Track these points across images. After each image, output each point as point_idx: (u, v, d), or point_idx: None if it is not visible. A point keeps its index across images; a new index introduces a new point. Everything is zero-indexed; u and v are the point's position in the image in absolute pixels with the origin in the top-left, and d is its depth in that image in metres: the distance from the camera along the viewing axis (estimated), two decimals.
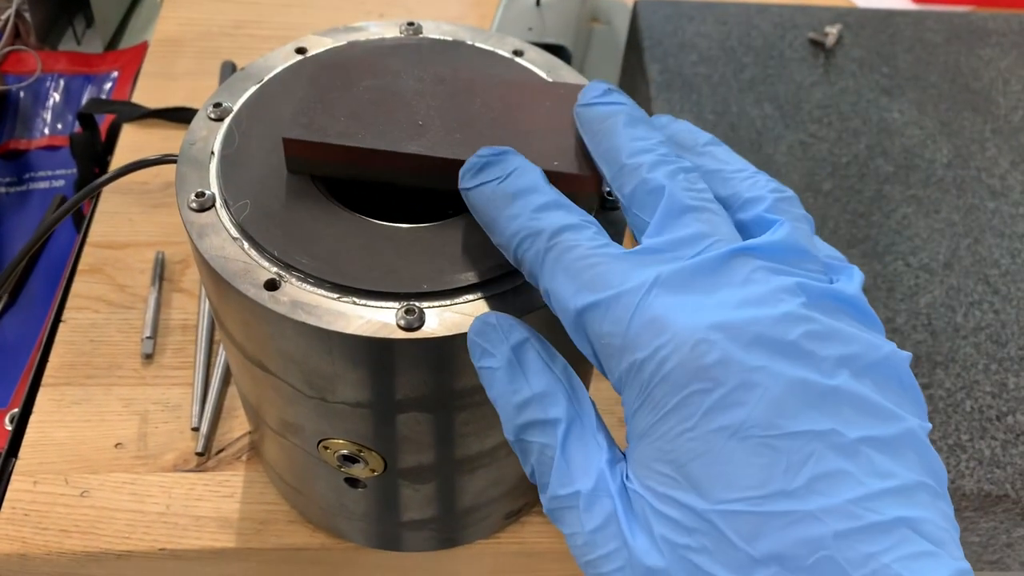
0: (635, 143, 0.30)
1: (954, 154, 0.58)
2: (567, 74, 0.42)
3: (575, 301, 0.27)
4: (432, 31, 0.43)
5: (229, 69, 0.73)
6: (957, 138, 0.59)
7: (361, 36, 0.43)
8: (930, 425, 0.25)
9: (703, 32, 0.65)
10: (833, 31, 0.65)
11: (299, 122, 0.34)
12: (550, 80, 0.41)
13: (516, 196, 0.30)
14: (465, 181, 0.31)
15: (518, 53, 0.42)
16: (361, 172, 0.35)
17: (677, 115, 0.58)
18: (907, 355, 0.26)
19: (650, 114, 0.59)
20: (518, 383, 0.28)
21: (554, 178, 0.34)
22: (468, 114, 0.36)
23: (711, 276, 0.26)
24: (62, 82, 0.83)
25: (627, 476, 0.26)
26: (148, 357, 0.55)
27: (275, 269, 0.33)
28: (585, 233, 0.28)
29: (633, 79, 0.65)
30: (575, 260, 0.28)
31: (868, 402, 0.24)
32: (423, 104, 0.36)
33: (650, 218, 0.28)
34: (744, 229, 0.29)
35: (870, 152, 0.58)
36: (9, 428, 0.56)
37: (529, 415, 0.28)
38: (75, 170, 0.73)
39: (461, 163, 0.33)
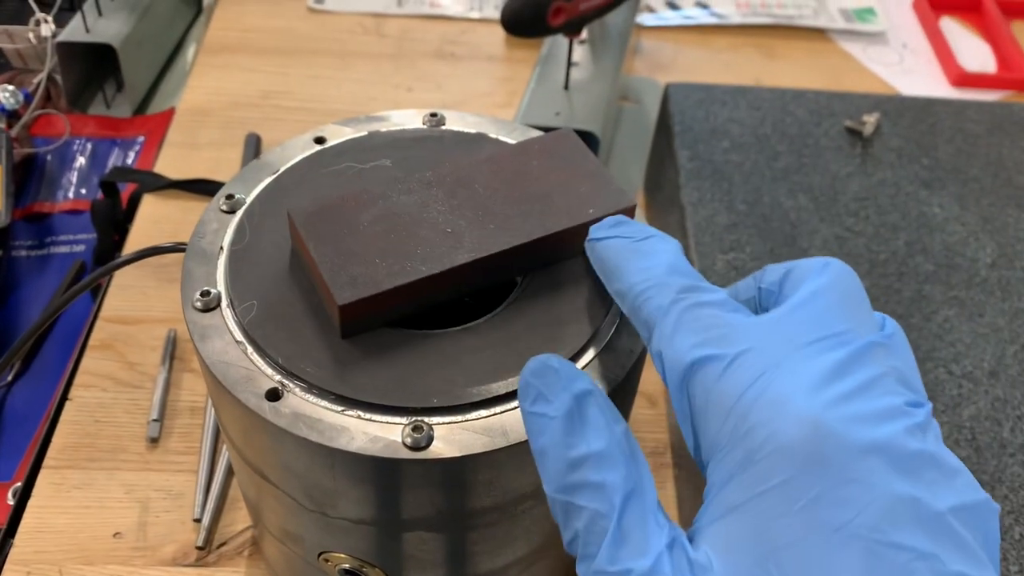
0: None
1: (998, 253, 0.56)
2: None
3: (693, 352, 0.26)
4: (455, 122, 0.42)
5: (253, 141, 0.72)
6: (1001, 236, 0.57)
7: (383, 126, 0.41)
8: None
9: (736, 118, 0.63)
10: (871, 119, 0.63)
11: (340, 283, 0.31)
12: (520, 141, 0.39)
13: (652, 255, 0.30)
14: (598, 231, 0.32)
15: None
16: (423, 303, 0.33)
17: (707, 204, 0.57)
18: (997, 507, 0.25)
19: (679, 201, 0.57)
20: (575, 437, 0.26)
21: (596, 223, 0.34)
22: (481, 203, 0.34)
23: (844, 366, 0.25)
24: (89, 146, 0.83)
25: (693, 550, 0.25)
26: (154, 441, 0.53)
27: (278, 377, 0.32)
28: (718, 295, 0.28)
29: (662, 164, 0.64)
30: (704, 315, 0.27)
31: (964, 541, 0.23)
32: (433, 212, 0.34)
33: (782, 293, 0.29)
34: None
35: (909, 249, 0.55)
36: (11, 503, 0.54)
37: (583, 475, 0.25)
38: (96, 235, 0.72)
39: (517, 249, 0.33)
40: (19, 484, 0.54)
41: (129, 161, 0.81)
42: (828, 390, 0.24)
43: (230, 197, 0.37)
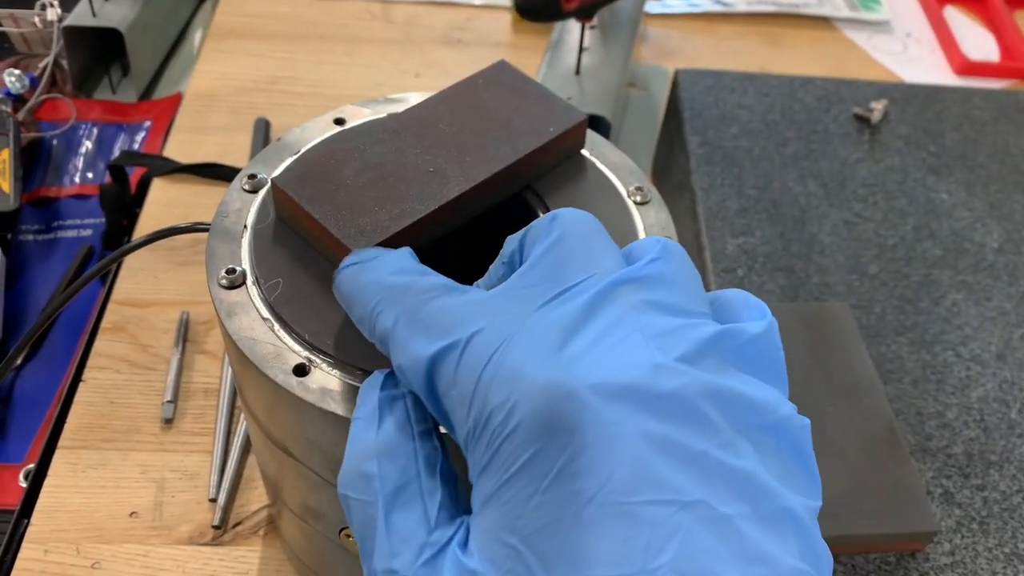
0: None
1: (1005, 238, 0.56)
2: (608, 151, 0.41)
3: (426, 350, 0.24)
4: None
5: (262, 125, 0.72)
6: (1008, 221, 0.57)
7: (400, 108, 0.42)
8: (820, 504, 0.22)
9: (745, 104, 0.63)
10: (879, 107, 0.63)
11: (350, 235, 0.32)
12: (471, 80, 0.40)
13: (377, 266, 0.28)
14: (338, 270, 0.30)
15: None
16: (425, 240, 0.34)
17: (717, 190, 0.57)
18: (805, 422, 0.23)
19: (690, 187, 0.58)
20: (369, 431, 0.25)
21: (557, 140, 0.37)
22: (451, 140, 0.36)
23: (580, 319, 0.23)
24: (95, 130, 0.83)
25: (465, 551, 0.23)
26: (168, 422, 0.53)
27: (305, 353, 0.32)
28: (438, 280, 0.26)
29: (671, 150, 0.64)
30: (433, 309, 0.25)
31: (744, 472, 0.21)
32: (411, 156, 0.36)
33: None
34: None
35: (917, 234, 0.56)
36: (23, 485, 0.55)
37: (362, 467, 0.25)
38: (103, 219, 0.72)
39: (498, 174, 0.35)
40: (31, 466, 0.54)
41: (135, 146, 0.81)
42: (563, 350, 0.22)
43: (252, 177, 0.38)
